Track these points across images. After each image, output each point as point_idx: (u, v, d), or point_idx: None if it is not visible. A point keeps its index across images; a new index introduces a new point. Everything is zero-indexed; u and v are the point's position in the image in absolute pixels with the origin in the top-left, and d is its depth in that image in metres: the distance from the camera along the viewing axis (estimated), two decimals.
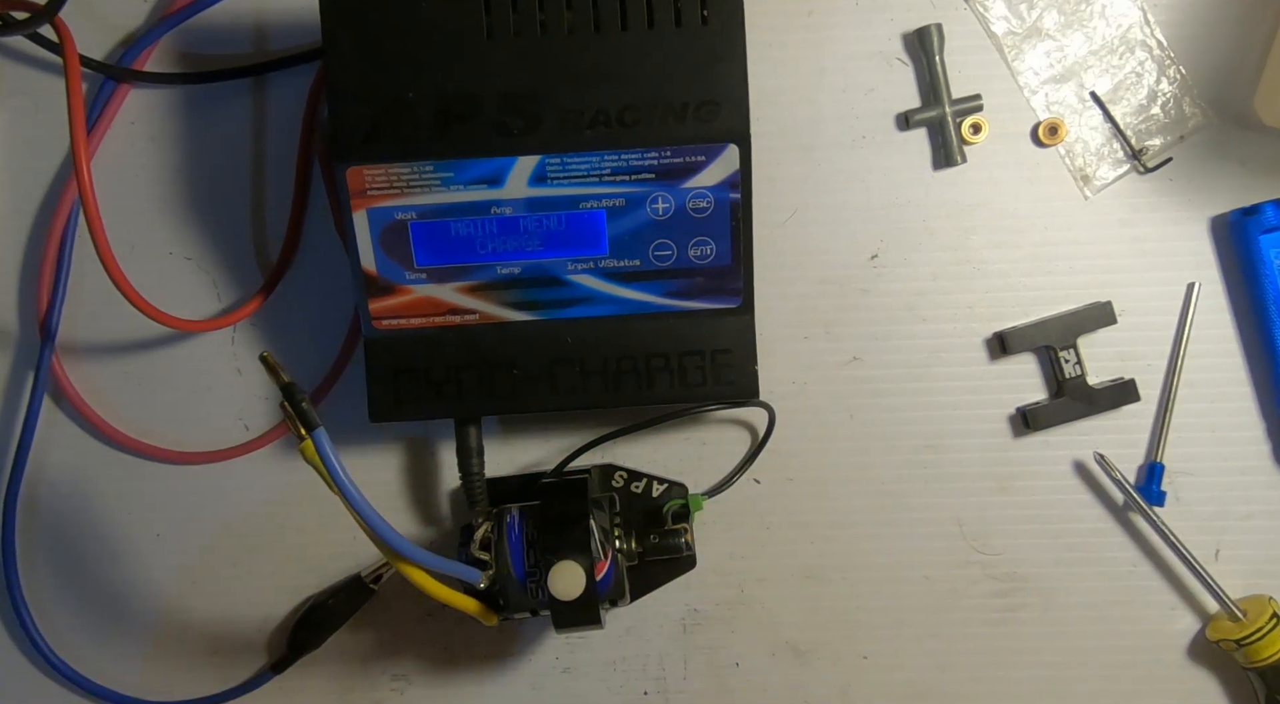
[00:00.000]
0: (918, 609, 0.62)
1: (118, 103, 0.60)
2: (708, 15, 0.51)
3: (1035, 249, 0.60)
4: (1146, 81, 0.58)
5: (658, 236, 0.53)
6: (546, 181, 0.52)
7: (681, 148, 0.52)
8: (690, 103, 0.51)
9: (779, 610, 0.62)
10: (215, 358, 0.61)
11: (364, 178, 0.52)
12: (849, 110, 0.60)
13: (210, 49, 0.60)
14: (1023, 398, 0.61)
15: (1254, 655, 0.58)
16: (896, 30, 0.59)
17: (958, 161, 0.59)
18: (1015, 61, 0.58)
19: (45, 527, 0.62)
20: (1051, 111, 0.59)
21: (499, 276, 0.54)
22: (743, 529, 0.62)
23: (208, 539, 0.62)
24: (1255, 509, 0.60)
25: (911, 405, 0.61)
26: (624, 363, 0.54)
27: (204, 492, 0.62)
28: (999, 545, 0.61)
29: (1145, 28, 0.58)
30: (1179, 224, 0.59)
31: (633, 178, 0.52)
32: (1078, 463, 0.61)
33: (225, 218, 0.61)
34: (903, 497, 0.61)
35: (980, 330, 0.60)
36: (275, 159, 0.60)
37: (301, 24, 0.60)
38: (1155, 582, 0.61)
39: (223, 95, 0.60)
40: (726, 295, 0.54)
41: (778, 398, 0.60)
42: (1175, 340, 0.60)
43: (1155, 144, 0.58)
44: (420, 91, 0.51)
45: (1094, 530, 0.61)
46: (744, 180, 0.52)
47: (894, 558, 0.62)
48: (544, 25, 0.51)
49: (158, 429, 0.62)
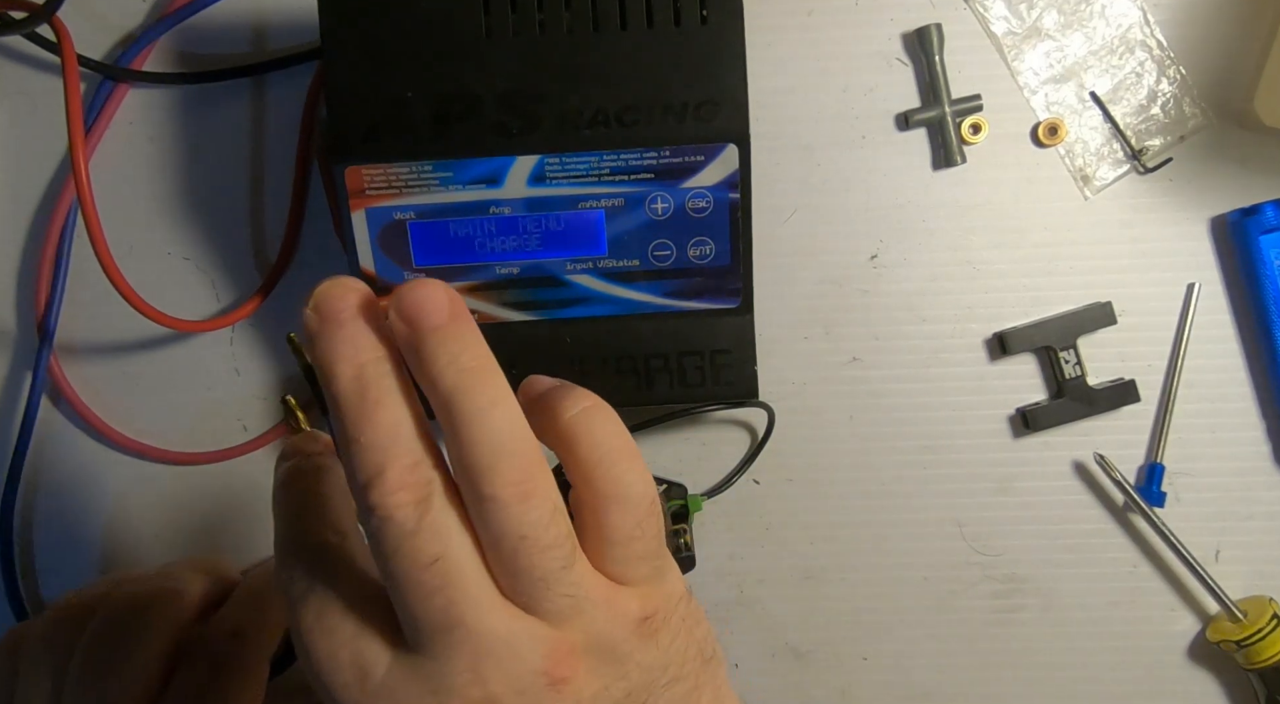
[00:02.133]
0: (918, 610, 0.62)
1: (116, 103, 0.60)
2: (707, 15, 0.51)
3: (1035, 249, 0.60)
4: (1146, 82, 0.58)
5: (657, 237, 0.53)
6: (545, 181, 0.52)
7: (681, 148, 0.52)
8: (689, 102, 0.51)
9: (779, 611, 0.62)
10: (214, 358, 0.61)
11: (362, 177, 0.52)
12: (849, 110, 0.59)
13: (209, 49, 0.60)
14: (1023, 398, 0.60)
15: (1254, 656, 0.58)
16: (896, 30, 0.59)
17: (958, 161, 0.59)
18: (1015, 61, 0.58)
19: (44, 526, 0.62)
20: (1051, 112, 0.58)
21: (498, 277, 0.53)
22: (742, 530, 0.62)
23: (207, 539, 0.62)
24: (1255, 510, 0.60)
25: (911, 406, 0.61)
26: (623, 363, 0.54)
27: (203, 491, 0.62)
28: (999, 546, 0.61)
29: (1145, 28, 0.58)
30: (1179, 224, 0.59)
31: (632, 178, 0.52)
32: (1078, 463, 0.61)
33: (224, 218, 0.61)
34: (902, 497, 0.61)
35: (980, 330, 0.60)
36: (274, 159, 0.60)
37: (300, 23, 0.60)
38: (1155, 582, 0.61)
39: (221, 95, 0.60)
40: (726, 295, 0.54)
41: (777, 398, 0.60)
42: (1175, 341, 0.59)
43: (1155, 144, 0.58)
44: (419, 91, 0.51)
45: (1094, 531, 0.61)
46: (743, 180, 0.52)
47: (894, 558, 0.61)
48: (543, 25, 0.51)
49: (156, 429, 0.61)
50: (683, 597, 0.40)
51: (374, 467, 0.34)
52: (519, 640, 0.34)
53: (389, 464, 0.34)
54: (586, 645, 0.36)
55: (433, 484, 0.34)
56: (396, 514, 0.33)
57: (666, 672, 0.38)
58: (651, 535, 0.37)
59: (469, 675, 0.34)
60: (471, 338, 0.36)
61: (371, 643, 0.35)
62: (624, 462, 0.37)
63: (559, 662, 0.35)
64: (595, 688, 0.36)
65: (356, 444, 0.34)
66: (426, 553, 0.33)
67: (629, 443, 0.37)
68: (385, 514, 0.33)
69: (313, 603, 0.36)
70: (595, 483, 0.36)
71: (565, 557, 0.35)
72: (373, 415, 0.34)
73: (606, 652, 0.36)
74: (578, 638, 0.35)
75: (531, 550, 0.34)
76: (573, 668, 0.35)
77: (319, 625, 0.35)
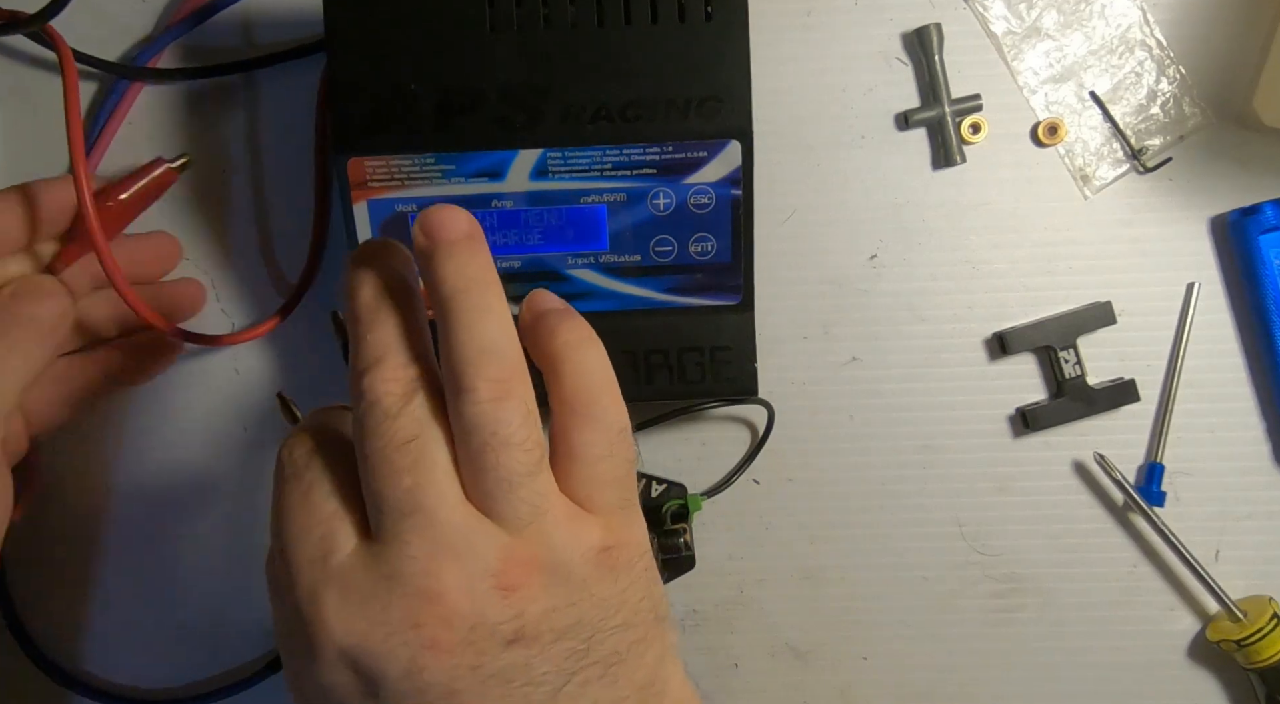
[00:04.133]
0: (917, 609, 0.61)
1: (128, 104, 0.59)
2: (711, 11, 0.51)
3: (1035, 249, 0.60)
4: (1146, 81, 0.58)
5: (658, 232, 0.53)
6: (548, 176, 0.52)
7: (683, 143, 0.52)
8: (693, 98, 0.51)
9: (778, 611, 0.62)
10: (213, 357, 0.61)
11: (365, 169, 0.52)
12: (848, 110, 0.60)
13: (209, 46, 0.60)
14: (1022, 398, 0.60)
15: (1254, 656, 0.58)
16: (896, 30, 0.59)
17: (957, 161, 0.59)
18: (1015, 61, 0.59)
19: (42, 526, 0.61)
20: (1051, 111, 0.59)
21: (499, 270, 0.53)
22: (742, 529, 0.62)
23: (206, 537, 0.62)
24: (1255, 509, 0.60)
25: (911, 405, 0.61)
26: (623, 358, 0.54)
27: (202, 490, 0.61)
28: (999, 546, 0.61)
29: (1145, 27, 0.58)
30: (1179, 224, 0.59)
31: (634, 173, 0.52)
32: (1078, 463, 0.61)
33: (227, 217, 0.60)
34: (902, 497, 0.61)
35: (980, 330, 0.60)
36: (277, 156, 0.60)
37: (304, 18, 0.59)
38: (1155, 582, 0.61)
39: (222, 92, 0.60)
40: (726, 292, 0.54)
41: (777, 398, 0.60)
42: (1175, 340, 0.60)
43: (1155, 144, 0.59)
44: (422, 84, 0.51)
45: (1094, 531, 0.61)
46: (745, 177, 0.53)
47: (894, 558, 0.61)
48: (547, 19, 0.51)
49: (156, 429, 0.61)
50: (646, 550, 0.40)
51: (372, 358, 0.37)
52: (475, 537, 0.36)
53: (387, 358, 0.37)
54: (542, 561, 0.36)
55: (421, 383, 0.37)
56: (384, 400, 0.36)
57: (619, 614, 0.38)
58: (621, 461, 0.39)
59: (421, 564, 0.35)
60: (481, 256, 0.39)
61: (343, 526, 0.37)
62: (604, 389, 0.39)
63: (511, 567, 0.36)
64: (544, 606, 0.36)
65: (364, 341, 0.37)
66: (403, 433, 0.36)
67: (612, 379, 0.39)
68: (373, 398, 0.36)
69: (307, 477, 0.38)
70: (571, 402, 0.38)
71: (533, 464, 0.36)
72: (384, 318, 0.38)
73: (562, 573, 0.37)
74: (534, 550, 0.36)
75: (500, 448, 0.35)
76: (524, 578, 0.36)
77: (304, 500, 0.37)
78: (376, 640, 0.35)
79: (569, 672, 0.36)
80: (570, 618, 0.37)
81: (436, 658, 0.35)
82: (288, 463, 0.38)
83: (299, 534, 0.37)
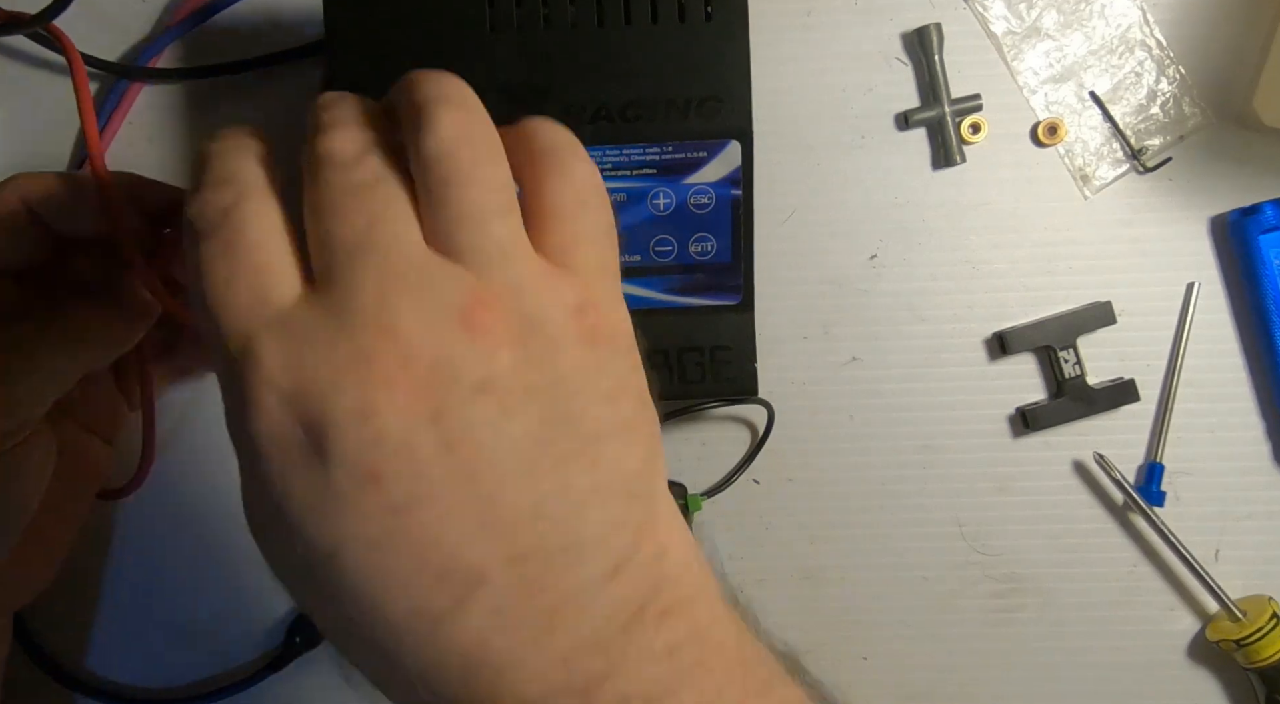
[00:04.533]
0: (917, 609, 0.61)
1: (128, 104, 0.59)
2: (711, 11, 0.51)
3: (1035, 249, 0.60)
4: (1146, 81, 0.59)
5: (658, 232, 0.53)
6: None
7: (683, 143, 0.52)
8: (693, 98, 0.51)
9: (778, 611, 0.62)
10: None
11: None
12: (848, 110, 0.60)
13: (209, 46, 0.60)
14: (1022, 398, 0.61)
15: (1254, 656, 0.58)
16: (896, 30, 0.59)
17: (957, 161, 0.59)
18: (1015, 61, 0.59)
19: None
20: (1051, 111, 0.59)
21: None
22: (741, 530, 0.62)
23: (206, 536, 0.62)
24: (1255, 509, 0.60)
25: (911, 405, 0.61)
26: None
27: (201, 489, 0.61)
28: (999, 546, 0.61)
29: (1145, 27, 0.58)
30: (1178, 224, 0.59)
31: (634, 173, 0.52)
32: (1077, 463, 0.61)
33: None
34: (902, 497, 0.61)
35: (980, 330, 0.60)
36: (277, 156, 0.60)
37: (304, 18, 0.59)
38: (1155, 582, 0.61)
39: (222, 92, 0.60)
40: (727, 292, 0.54)
41: (777, 398, 0.60)
42: (1175, 340, 0.60)
43: (1155, 144, 0.59)
44: None
45: (1094, 531, 0.61)
46: (745, 177, 0.53)
47: (894, 558, 0.61)
48: (547, 19, 0.51)
49: (156, 429, 0.61)
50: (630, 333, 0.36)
51: (329, 120, 0.33)
52: (436, 273, 0.31)
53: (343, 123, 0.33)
54: (511, 308, 0.32)
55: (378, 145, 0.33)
56: (337, 154, 0.32)
57: (599, 384, 0.33)
58: (599, 221, 0.35)
59: (374, 297, 0.31)
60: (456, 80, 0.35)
61: (278, 274, 0.32)
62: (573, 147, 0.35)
63: (478, 305, 0.31)
64: (514, 357, 0.31)
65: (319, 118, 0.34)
66: (357, 178, 0.32)
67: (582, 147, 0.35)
68: (325, 153, 0.33)
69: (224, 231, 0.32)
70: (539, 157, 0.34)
71: (500, 205, 0.32)
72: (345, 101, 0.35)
73: (534, 325, 0.32)
74: (504, 293, 0.32)
75: (464, 183, 0.32)
76: (491, 321, 0.31)
77: (226, 251, 0.32)
78: (322, 378, 0.30)
79: (545, 440, 0.32)
80: (544, 377, 0.32)
81: (391, 397, 0.30)
82: (197, 220, 0.32)
83: (221, 286, 0.32)
